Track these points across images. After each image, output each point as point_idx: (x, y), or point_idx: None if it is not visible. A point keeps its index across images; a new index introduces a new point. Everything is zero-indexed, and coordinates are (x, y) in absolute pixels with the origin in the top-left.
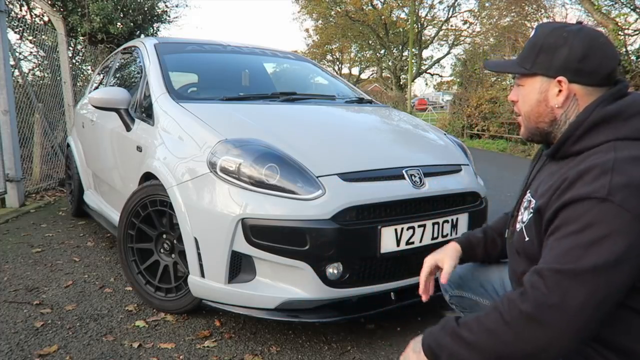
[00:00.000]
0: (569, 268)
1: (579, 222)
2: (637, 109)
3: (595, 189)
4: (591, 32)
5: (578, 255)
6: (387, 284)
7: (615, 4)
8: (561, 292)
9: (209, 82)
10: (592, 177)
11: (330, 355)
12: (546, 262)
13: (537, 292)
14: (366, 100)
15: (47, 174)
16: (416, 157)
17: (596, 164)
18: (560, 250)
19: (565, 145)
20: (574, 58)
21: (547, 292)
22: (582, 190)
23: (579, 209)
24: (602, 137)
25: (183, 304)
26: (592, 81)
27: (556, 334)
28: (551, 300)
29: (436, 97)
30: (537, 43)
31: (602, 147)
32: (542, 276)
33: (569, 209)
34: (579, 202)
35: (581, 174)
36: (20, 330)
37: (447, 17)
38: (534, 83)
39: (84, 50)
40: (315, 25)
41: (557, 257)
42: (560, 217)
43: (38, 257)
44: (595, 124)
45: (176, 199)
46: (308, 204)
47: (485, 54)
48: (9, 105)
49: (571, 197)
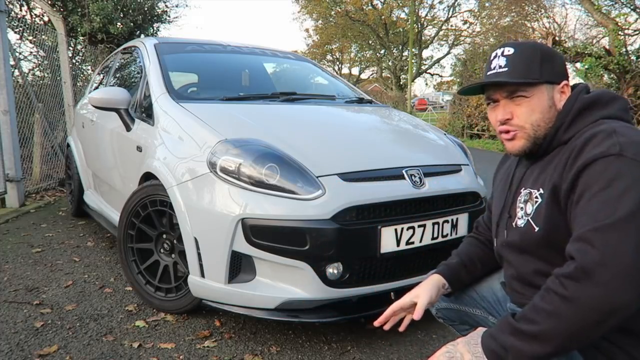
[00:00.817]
0: (607, 223)
1: (601, 180)
2: (609, 96)
3: (607, 147)
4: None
5: (612, 208)
6: (387, 284)
7: (615, 4)
8: (609, 247)
9: (209, 82)
10: (600, 139)
11: (330, 355)
12: (583, 225)
13: (586, 255)
14: (366, 100)
15: (47, 174)
16: (416, 157)
17: (598, 130)
18: (593, 210)
19: (558, 135)
20: (564, 63)
21: (595, 252)
22: (595, 151)
23: (597, 169)
24: (589, 118)
25: (183, 304)
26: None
27: (618, 291)
28: (603, 259)
29: (436, 97)
30: (535, 54)
31: (594, 123)
32: (584, 240)
33: (586, 172)
34: (594, 163)
35: (587, 140)
36: (20, 330)
37: (447, 17)
38: (541, 92)
39: (84, 50)
40: (315, 25)
41: (592, 217)
42: (580, 183)
43: (38, 257)
44: (582, 110)
45: (176, 199)
46: (308, 204)
47: (485, 54)
48: (9, 105)
49: (585, 161)
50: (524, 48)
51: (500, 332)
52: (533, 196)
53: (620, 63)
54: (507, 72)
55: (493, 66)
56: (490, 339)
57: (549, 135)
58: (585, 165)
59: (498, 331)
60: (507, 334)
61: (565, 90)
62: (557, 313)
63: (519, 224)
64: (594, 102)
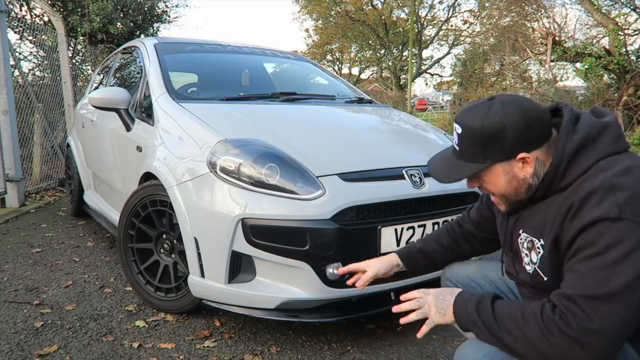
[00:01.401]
0: (601, 293)
1: (598, 244)
2: (596, 129)
3: (606, 209)
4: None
5: (606, 277)
6: (387, 284)
7: (615, 4)
8: (600, 316)
9: (209, 82)
10: (598, 198)
11: (330, 355)
12: (574, 287)
13: (577, 318)
14: (366, 100)
15: (47, 174)
16: (416, 157)
17: (596, 186)
18: (587, 274)
19: (553, 185)
20: (521, 133)
21: (587, 318)
22: (593, 213)
23: (595, 232)
24: (584, 164)
25: (183, 304)
26: (544, 139)
27: (597, 355)
28: (594, 326)
29: (436, 97)
30: (476, 137)
31: (590, 172)
32: (575, 302)
33: (585, 233)
34: (594, 225)
35: (585, 198)
36: (20, 330)
37: (447, 17)
38: (494, 171)
39: (84, 50)
40: (315, 25)
41: (585, 282)
42: (577, 241)
43: (38, 257)
44: (573, 157)
45: (176, 199)
46: (308, 204)
47: (485, 54)
48: (9, 105)
49: (584, 223)
50: (469, 131)
51: (476, 311)
52: (535, 245)
53: (620, 63)
54: (458, 152)
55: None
56: (463, 308)
57: (545, 185)
58: (584, 227)
59: (474, 308)
60: (481, 319)
61: (527, 160)
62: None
63: (527, 269)
64: (584, 144)
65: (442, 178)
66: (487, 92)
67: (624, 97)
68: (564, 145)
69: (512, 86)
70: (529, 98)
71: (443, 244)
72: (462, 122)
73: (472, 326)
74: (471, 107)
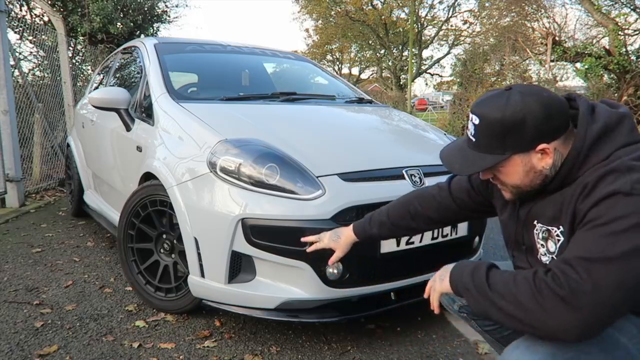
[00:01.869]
0: (599, 256)
1: (606, 215)
2: (614, 118)
3: (618, 185)
4: (530, 89)
5: (607, 244)
6: (387, 284)
7: (615, 4)
8: (593, 278)
9: (208, 82)
10: (613, 177)
11: (330, 355)
12: (572, 251)
13: (570, 278)
14: (366, 100)
15: (47, 174)
16: (416, 157)
17: (612, 168)
18: (588, 240)
19: (571, 174)
20: (541, 124)
21: (579, 279)
22: (607, 189)
23: (605, 204)
24: (603, 153)
25: (183, 304)
26: (563, 130)
27: (585, 317)
28: (585, 287)
29: (436, 97)
30: (496, 128)
31: (607, 160)
32: (569, 264)
33: (596, 207)
34: (605, 199)
35: (601, 177)
36: (20, 330)
37: (447, 17)
38: (513, 162)
39: (84, 50)
40: (315, 25)
41: (585, 246)
42: (588, 215)
43: (38, 257)
44: (592, 145)
45: (176, 199)
46: (308, 204)
47: (485, 54)
48: (9, 105)
49: (597, 197)
50: (487, 122)
51: (470, 275)
52: (553, 234)
53: (620, 63)
54: (474, 143)
55: (468, 127)
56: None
57: (562, 175)
58: (596, 202)
59: (469, 276)
60: (475, 286)
61: (547, 151)
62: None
63: (544, 260)
64: (604, 132)
65: (459, 170)
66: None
67: (624, 97)
68: (584, 135)
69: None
70: (546, 88)
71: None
72: (480, 112)
73: (464, 291)
74: (488, 97)
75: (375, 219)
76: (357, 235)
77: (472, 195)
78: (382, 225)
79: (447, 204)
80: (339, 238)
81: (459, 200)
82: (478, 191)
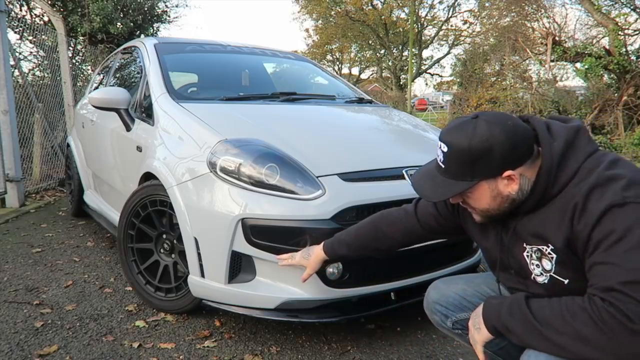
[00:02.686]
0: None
1: (615, 230)
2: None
3: (609, 199)
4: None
5: (637, 259)
6: (387, 284)
7: (615, 4)
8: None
9: (209, 82)
10: (600, 192)
11: (330, 355)
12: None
13: (630, 305)
14: (366, 100)
15: (47, 174)
16: (416, 157)
17: (593, 184)
18: (617, 262)
19: (546, 193)
20: (507, 152)
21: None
22: (599, 205)
23: (607, 221)
24: (572, 167)
25: (183, 304)
26: (527, 156)
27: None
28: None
29: (436, 97)
30: (464, 156)
31: (580, 173)
32: (620, 291)
33: (599, 226)
34: (604, 216)
35: (587, 195)
36: (20, 330)
37: (447, 17)
38: (480, 188)
39: (84, 50)
40: (315, 25)
41: (619, 269)
42: (594, 235)
43: (38, 257)
44: (560, 162)
45: (176, 199)
46: (308, 204)
47: (485, 54)
48: (9, 105)
49: (595, 216)
50: (455, 150)
51: (508, 313)
52: (545, 253)
53: (620, 63)
54: (443, 169)
55: (438, 154)
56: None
57: (537, 195)
58: (596, 221)
59: (507, 313)
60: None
61: (513, 177)
62: (588, 339)
63: (541, 280)
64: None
65: (429, 196)
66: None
67: (624, 97)
68: (550, 153)
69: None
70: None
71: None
72: (449, 140)
73: (507, 333)
74: (456, 125)
75: (342, 239)
76: (327, 254)
77: (439, 221)
78: (350, 246)
79: (414, 228)
80: (309, 256)
81: (427, 226)
82: (445, 216)
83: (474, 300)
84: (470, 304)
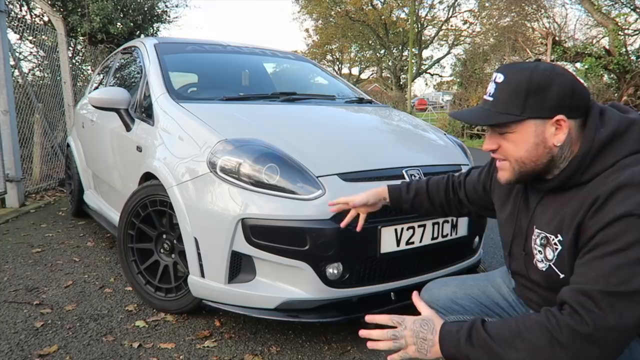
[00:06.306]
0: (621, 290)
1: (620, 240)
2: (624, 124)
3: (632, 206)
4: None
5: (628, 275)
6: (387, 284)
7: (615, 4)
8: (617, 313)
9: (209, 82)
10: (626, 194)
11: (330, 355)
12: (590, 281)
13: (593, 314)
14: (366, 100)
15: (47, 174)
16: (416, 157)
17: (624, 182)
18: (605, 270)
19: (574, 177)
20: (565, 95)
21: (602, 315)
22: (619, 209)
23: (618, 228)
24: (611, 159)
25: (183, 304)
26: (580, 114)
27: (611, 352)
28: (610, 323)
29: (436, 97)
30: (520, 86)
31: (615, 167)
32: (591, 297)
33: (608, 229)
34: (618, 221)
35: (612, 192)
36: (20, 330)
37: (447, 17)
38: (526, 128)
39: (84, 50)
40: (315, 25)
41: (603, 277)
42: (598, 236)
43: (38, 257)
44: (600, 151)
45: (176, 199)
46: (308, 204)
47: (485, 54)
48: (9, 105)
49: (609, 218)
50: (512, 79)
51: (468, 341)
52: (551, 242)
53: (620, 63)
54: (491, 102)
55: (487, 90)
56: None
57: (566, 174)
58: (608, 223)
59: (465, 339)
60: (477, 347)
61: (561, 124)
62: (544, 351)
63: (540, 267)
64: (613, 138)
65: (471, 119)
66: None
67: (624, 97)
68: (593, 138)
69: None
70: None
71: (434, 203)
72: (507, 71)
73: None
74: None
75: (413, 186)
76: (390, 194)
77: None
78: (419, 193)
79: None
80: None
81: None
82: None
83: (463, 303)
84: (459, 306)
